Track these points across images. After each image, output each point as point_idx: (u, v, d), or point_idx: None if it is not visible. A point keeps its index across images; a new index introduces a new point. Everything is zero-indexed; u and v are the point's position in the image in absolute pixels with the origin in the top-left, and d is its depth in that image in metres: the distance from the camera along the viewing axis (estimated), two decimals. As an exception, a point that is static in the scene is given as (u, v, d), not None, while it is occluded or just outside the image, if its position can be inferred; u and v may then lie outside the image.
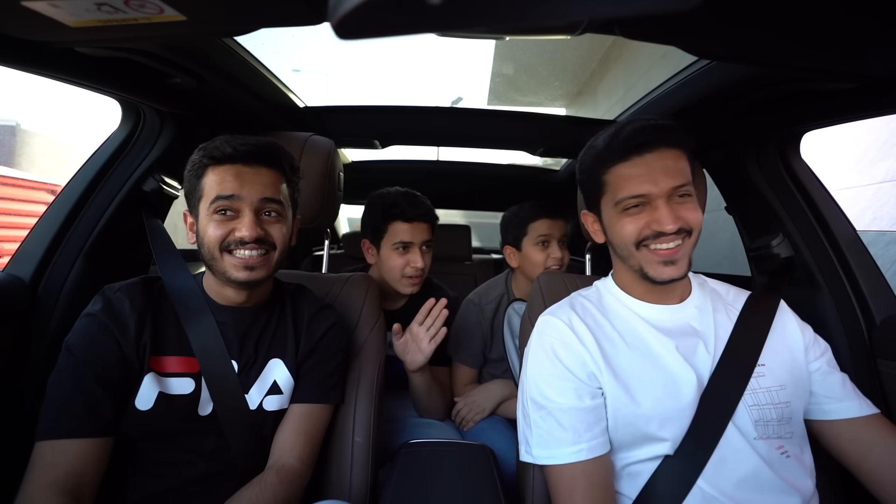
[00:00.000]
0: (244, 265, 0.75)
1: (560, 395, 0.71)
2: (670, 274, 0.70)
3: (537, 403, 0.73)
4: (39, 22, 0.49)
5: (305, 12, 0.49)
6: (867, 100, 0.80)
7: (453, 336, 1.29)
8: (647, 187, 0.69)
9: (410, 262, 1.20)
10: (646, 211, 0.70)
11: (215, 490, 0.73)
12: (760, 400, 0.70)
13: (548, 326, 0.78)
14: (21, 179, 5.89)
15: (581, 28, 0.55)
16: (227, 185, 0.74)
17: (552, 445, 0.69)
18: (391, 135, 1.57)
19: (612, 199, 0.73)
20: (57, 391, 0.69)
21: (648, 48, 3.99)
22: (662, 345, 0.73)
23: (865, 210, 2.37)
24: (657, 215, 0.69)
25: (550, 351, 0.74)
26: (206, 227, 0.75)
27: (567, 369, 0.72)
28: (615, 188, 0.72)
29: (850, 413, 0.72)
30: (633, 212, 0.71)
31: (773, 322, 0.77)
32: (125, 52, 0.74)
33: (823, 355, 0.77)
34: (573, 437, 0.68)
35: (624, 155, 0.71)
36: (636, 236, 0.71)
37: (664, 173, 0.69)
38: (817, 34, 0.55)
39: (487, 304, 1.33)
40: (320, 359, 0.86)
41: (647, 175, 0.69)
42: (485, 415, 1.22)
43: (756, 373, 0.71)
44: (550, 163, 2.25)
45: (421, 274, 1.22)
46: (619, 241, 0.74)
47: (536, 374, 0.75)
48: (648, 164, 0.69)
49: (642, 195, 0.69)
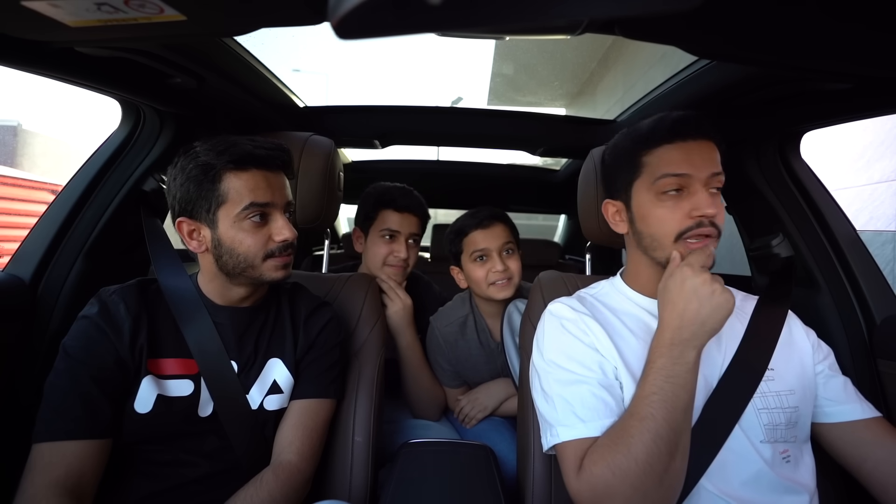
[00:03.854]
0: (283, 265, 0.78)
1: (586, 368, 0.70)
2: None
3: (562, 382, 0.70)
4: (39, 22, 0.49)
5: (305, 12, 0.49)
6: (866, 100, 0.80)
7: (429, 356, 1.26)
8: (689, 168, 0.70)
9: (394, 251, 1.21)
10: (684, 198, 0.70)
11: (219, 489, 0.73)
12: (770, 404, 0.70)
13: (560, 310, 0.78)
14: (22, 179, 5.89)
15: (581, 28, 0.55)
16: (260, 192, 0.74)
17: (587, 418, 0.66)
18: (391, 135, 1.57)
19: (651, 179, 0.72)
20: (54, 393, 0.69)
21: (648, 48, 3.99)
22: None
23: (862, 210, 2.37)
24: (696, 200, 0.69)
25: (569, 327, 0.75)
26: (237, 236, 0.74)
27: (587, 344, 0.72)
28: (655, 167, 0.72)
29: (852, 416, 0.72)
30: (670, 197, 0.71)
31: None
32: (125, 52, 0.74)
33: (826, 359, 0.77)
34: (607, 410, 0.66)
35: (669, 137, 0.72)
36: (678, 228, 0.70)
37: (704, 160, 0.70)
38: (816, 34, 0.55)
39: (448, 327, 1.21)
40: (318, 354, 0.86)
41: (689, 159, 0.70)
42: (487, 412, 1.22)
43: (766, 376, 0.71)
44: (550, 163, 2.25)
45: (403, 265, 1.22)
46: (656, 230, 0.73)
47: (556, 351, 0.74)
48: (691, 150, 0.71)
49: (683, 174, 0.70)
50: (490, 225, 1.14)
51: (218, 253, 0.75)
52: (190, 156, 0.74)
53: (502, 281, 1.11)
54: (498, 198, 2.31)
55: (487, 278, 1.12)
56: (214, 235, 0.75)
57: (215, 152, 0.73)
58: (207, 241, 0.76)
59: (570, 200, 1.23)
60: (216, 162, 0.72)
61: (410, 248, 1.24)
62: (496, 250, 1.13)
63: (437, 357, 1.23)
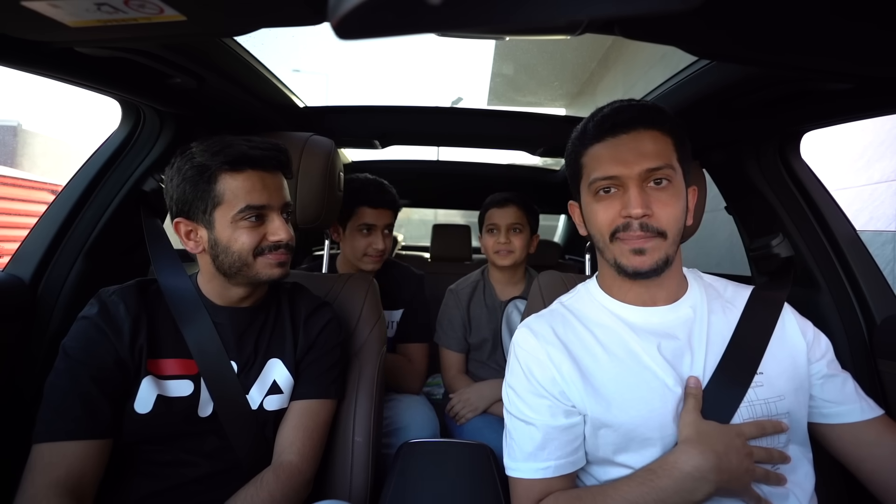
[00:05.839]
0: (278, 262, 0.77)
1: (533, 411, 0.69)
2: (640, 264, 0.66)
3: (513, 415, 0.72)
4: (39, 22, 0.49)
5: (305, 12, 0.49)
6: (866, 100, 0.80)
7: (439, 324, 1.46)
8: (618, 168, 0.65)
9: (372, 243, 1.31)
10: (618, 197, 0.67)
11: (220, 489, 0.73)
12: (757, 412, 0.66)
13: (523, 340, 0.75)
14: (22, 180, 5.89)
15: (581, 28, 0.55)
16: (256, 194, 0.74)
17: (520, 458, 0.69)
18: (391, 135, 1.58)
19: (587, 181, 0.70)
20: (54, 393, 0.69)
21: (648, 48, 3.99)
22: (647, 353, 0.68)
23: (862, 210, 2.37)
24: (625, 199, 0.66)
25: (525, 366, 0.72)
26: (233, 236, 0.74)
27: (541, 385, 0.69)
28: (589, 170, 0.70)
29: (851, 417, 0.70)
30: (605, 197, 0.68)
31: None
32: (125, 52, 0.74)
33: (824, 357, 0.72)
34: (542, 453, 0.67)
35: (598, 135, 0.68)
36: (609, 226, 0.68)
37: (637, 155, 0.65)
38: (816, 34, 0.55)
39: (463, 290, 1.46)
40: (318, 355, 0.86)
41: (618, 156, 0.66)
42: (477, 413, 1.27)
43: (754, 382, 0.67)
44: (550, 163, 2.25)
45: (380, 255, 1.33)
46: (595, 230, 0.71)
47: (512, 387, 0.73)
48: (621, 145, 0.66)
49: (612, 177, 0.66)
50: (505, 205, 1.39)
51: (214, 253, 0.75)
52: (186, 157, 0.74)
53: (503, 252, 1.37)
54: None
55: (493, 247, 1.38)
56: (211, 236, 0.75)
57: (210, 153, 0.73)
58: (204, 242, 0.76)
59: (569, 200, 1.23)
60: (211, 163, 0.72)
61: (385, 237, 1.35)
62: (505, 226, 1.37)
63: (451, 316, 1.43)
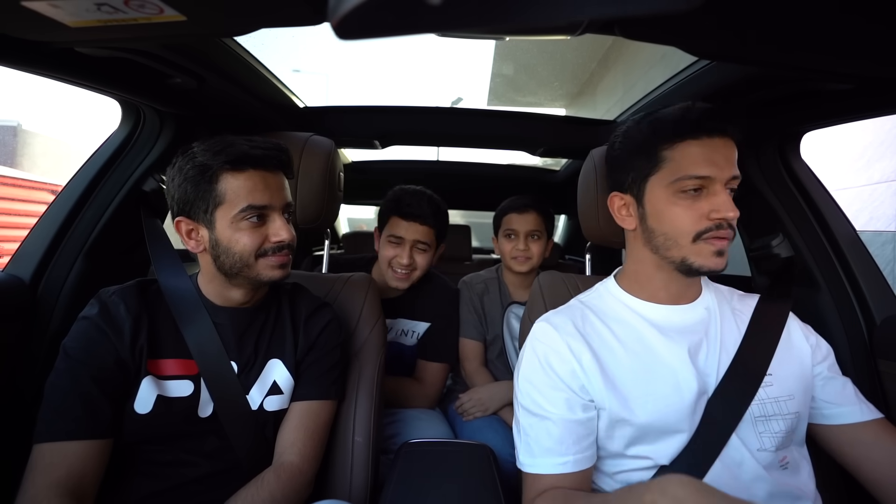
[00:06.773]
0: (279, 264, 0.77)
1: (551, 405, 0.69)
2: (719, 265, 0.67)
3: (528, 411, 0.71)
4: (39, 22, 0.49)
5: (305, 12, 0.49)
6: (866, 100, 0.80)
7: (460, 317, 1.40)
8: (712, 170, 0.65)
9: (397, 256, 1.23)
10: (703, 198, 0.67)
11: (220, 489, 0.73)
12: (768, 411, 0.67)
13: (542, 334, 0.75)
14: (22, 180, 5.89)
15: (581, 28, 0.55)
16: (257, 194, 0.73)
17: (538, 454, 0.68)
18: (391, 135, 1.58)
19: (669, 177, 0.68)
20: (55, 393, 0.69)
21: (648, 48, 4.00)
22: (668, 349, 0.69)
23: (862, 210, 2.37)
24: (718, 202, 0.65)
25: (543, 359, 0.72)
26: (234, 236, 0.74)
27: (560, 379, 0.70)
28: (677, 165, 0.67)
29: (850, 419, 0.71)
30: (688, 197, 0.67)
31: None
32: (125, 52, 0.74)
33: (825, 360, 0.75)
34: (561, 447, 0.67)
35: (695, 133, 0.67)
36: (695, 227, 0.66)
37: (727, 160, 0.66)
38: (816, 35, 0.55)
39: (476, 284, 1.45)
40: (319, 355, 0.86)
41: (712, 159, 0.66)
42: (487, 414, 1.23)
43: (764, 382, 0.68)
44: (550, 163, 2.25)
45: (406, 270, 1.23)
46: (670, 228, 0.69)
47: (529, 381, 0.73)
48: (715, 148, 0.66)
49: (705, 177, 0.66)
50: (524, 211, 1.37)
51: (215, 253, 0.75)
52: (187, 156, 0.74)
53: (521, 258, 1.35)
54: (498, 198, 2.30)
55: (511, 253, 1.36)
56: (212, 236, 0.75)
57: (212, 153, 0.73)
58: (205, 242, 0.76)
59: (569, 201, 1.23)
60: (212, 162, 0.72)
61: (417, 253, 1.24)
62: (523, 233, 1.35)
63: (468, 307, 1.41)
